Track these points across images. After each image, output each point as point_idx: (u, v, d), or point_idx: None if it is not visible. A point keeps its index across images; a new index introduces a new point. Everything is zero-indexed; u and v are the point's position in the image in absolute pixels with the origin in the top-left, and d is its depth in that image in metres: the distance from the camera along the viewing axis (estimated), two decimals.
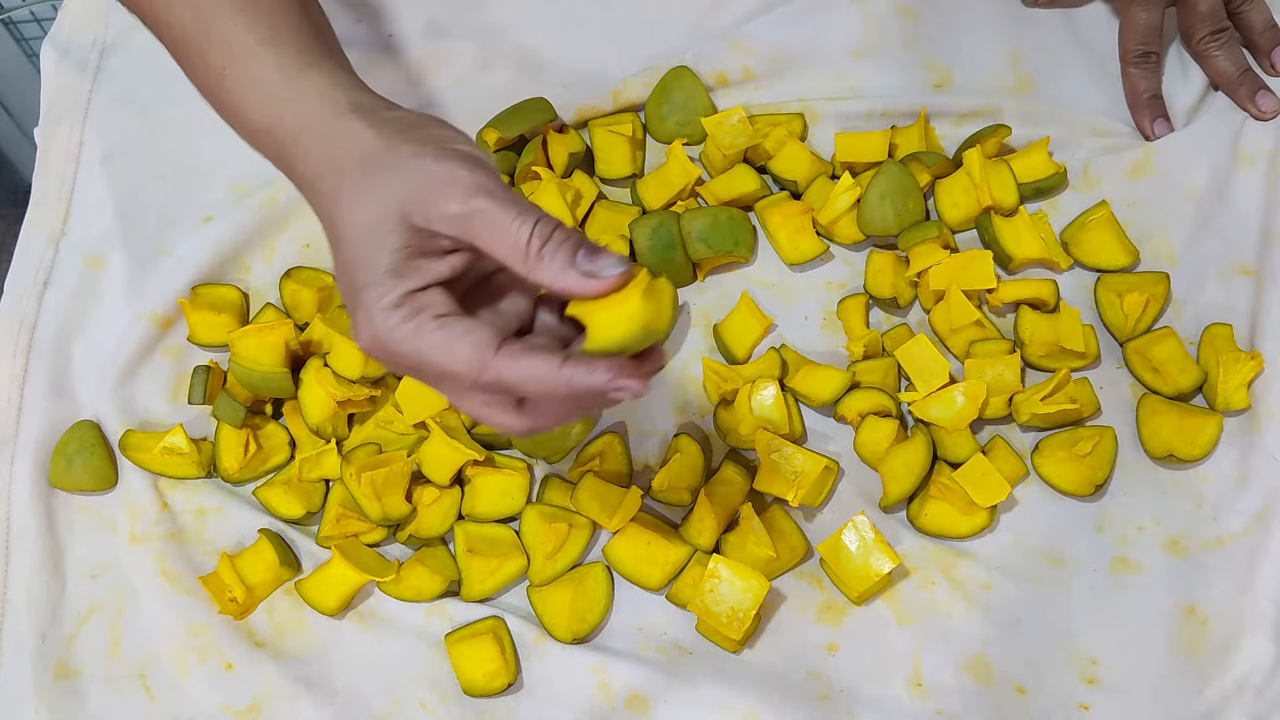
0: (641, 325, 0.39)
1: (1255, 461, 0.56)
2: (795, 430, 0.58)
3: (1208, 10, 0.64)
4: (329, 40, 0.51)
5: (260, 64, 0.46)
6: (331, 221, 0.44)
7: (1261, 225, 0.60)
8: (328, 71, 0.46)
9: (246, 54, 0.47)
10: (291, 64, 0.46)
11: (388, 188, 0.42)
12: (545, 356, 0.39)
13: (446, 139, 0.43)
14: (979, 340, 0.58)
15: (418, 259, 0.42)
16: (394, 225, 0.41)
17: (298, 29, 0.48)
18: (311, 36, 0.48)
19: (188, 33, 0.48)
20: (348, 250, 0.43)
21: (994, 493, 0.54)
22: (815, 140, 0.65)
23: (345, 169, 0.43)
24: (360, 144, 0.43)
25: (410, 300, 0.41)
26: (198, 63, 0.48)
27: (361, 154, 0.43)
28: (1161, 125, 0.63)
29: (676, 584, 0.56)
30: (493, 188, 0.41)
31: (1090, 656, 0.53)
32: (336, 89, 0.46)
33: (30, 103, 0.97)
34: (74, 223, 0.67)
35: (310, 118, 0.45)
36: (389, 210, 0.42)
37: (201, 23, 0.48)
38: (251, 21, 0.47)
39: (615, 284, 0.40)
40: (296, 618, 0.57)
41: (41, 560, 0.59)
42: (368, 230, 0.42)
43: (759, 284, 0.63)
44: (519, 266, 0.41)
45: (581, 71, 0.68)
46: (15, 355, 0.63)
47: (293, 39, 0.47)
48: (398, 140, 0.43)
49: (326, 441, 0.59)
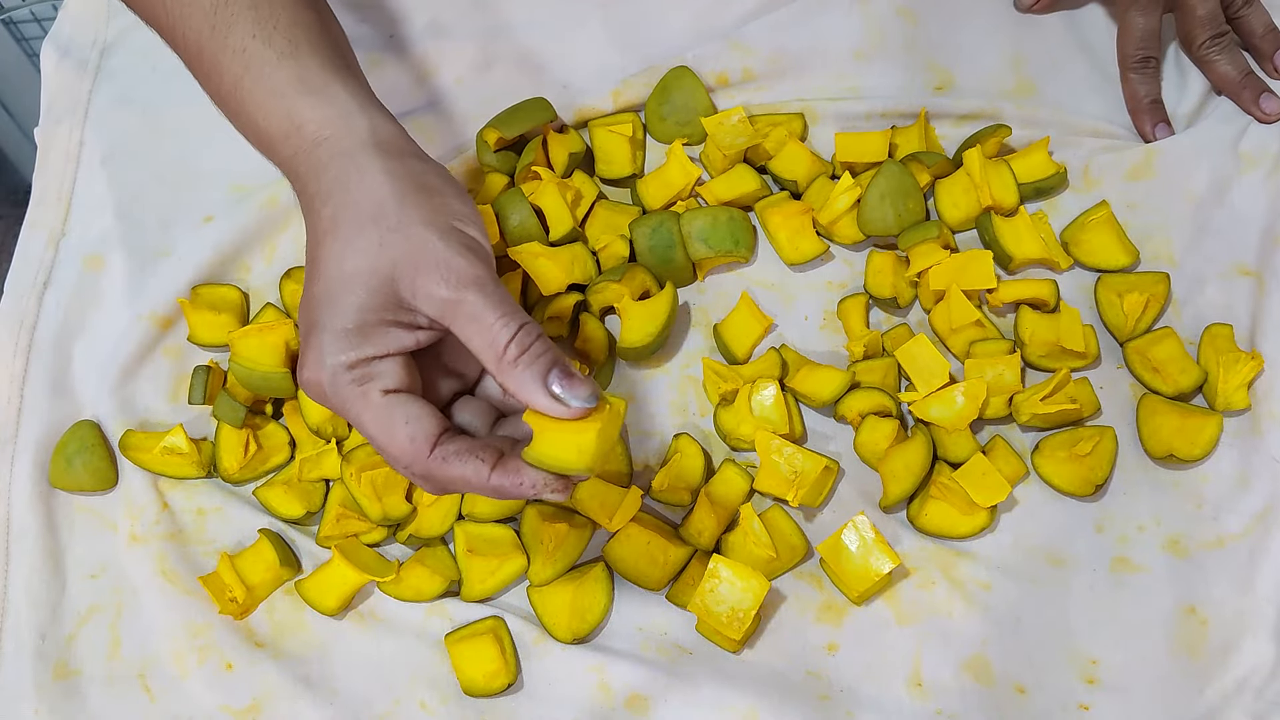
0: (589, 461, 0.40)
1: (1256, 462, 0.56)
2: (795, 430, 0.58)
3: (1207, 15, 0.64)
4: (349, 56, 0.50)
5: (279, 74, 0.46)
6: (317, 248, 0.44)
7: (1263, 227, 0.60)
8: (350, 88, 0.46)
9: (266, 64, 0.46)
10: (313, 76, 0.46)
11: (385, 246, 0.42)
12: (476, 464, 0.40)
13: (458, 215, 0.43)
14: (979, 340, 0.58)
15: (389, 325, 0.42)
16: (377, 285, 0.41)
17: (318, 44, 0.48)
18: (332, 52, 0.48)
19: (203, 45, 0.48)
20: (322, 285, 0.42)
21: (994, 493, 0.54)
22: (815, 140, 0.65)
23: (351, 205, 0.43)
24: (374, 189, 0.43)
25: (364, 365, 0.41)
26: (212, 73, 0.48)
27: (371, 200, 0.43)
28: (1163, 130, 0.63)
29: (676, 584, 0.56)
30: (485, 282, 0.41)
31: (1090, 656, 0.53)
32: (358, 110, 0.45)
33: (30, 103, 0.97)
34: (74, 223, 0.67)
35: (330, 132, 0.45)
36: (378, 269, 0.42)
37: (218, 36, 0.47)
38: (270, 34, 0.47)
39: (577, 416, 0.40)
40: (296, 618, 0.57)
41: (41, 560, 0.59)
42: (349, 276, 0.42)
43: (759, 284, 0.63)
44: (490, 365, 0.41)
45: (581, 71, 0.68)
46: (15, 355, 0.63)
47: (313, 52, 0.47)
48: (411, 201, 0.42)
49: (326, 441, 0.59)
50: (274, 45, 0.47)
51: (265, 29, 0.47)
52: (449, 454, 0.40)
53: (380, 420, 0.41)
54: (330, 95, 0.46)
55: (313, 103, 0.46)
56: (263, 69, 0.46)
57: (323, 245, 0.43)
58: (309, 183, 0.45)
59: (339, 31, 0.52)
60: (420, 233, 0.42)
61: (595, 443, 0.40)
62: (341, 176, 0.44)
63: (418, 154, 0.46)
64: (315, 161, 0.45)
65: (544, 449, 0.41)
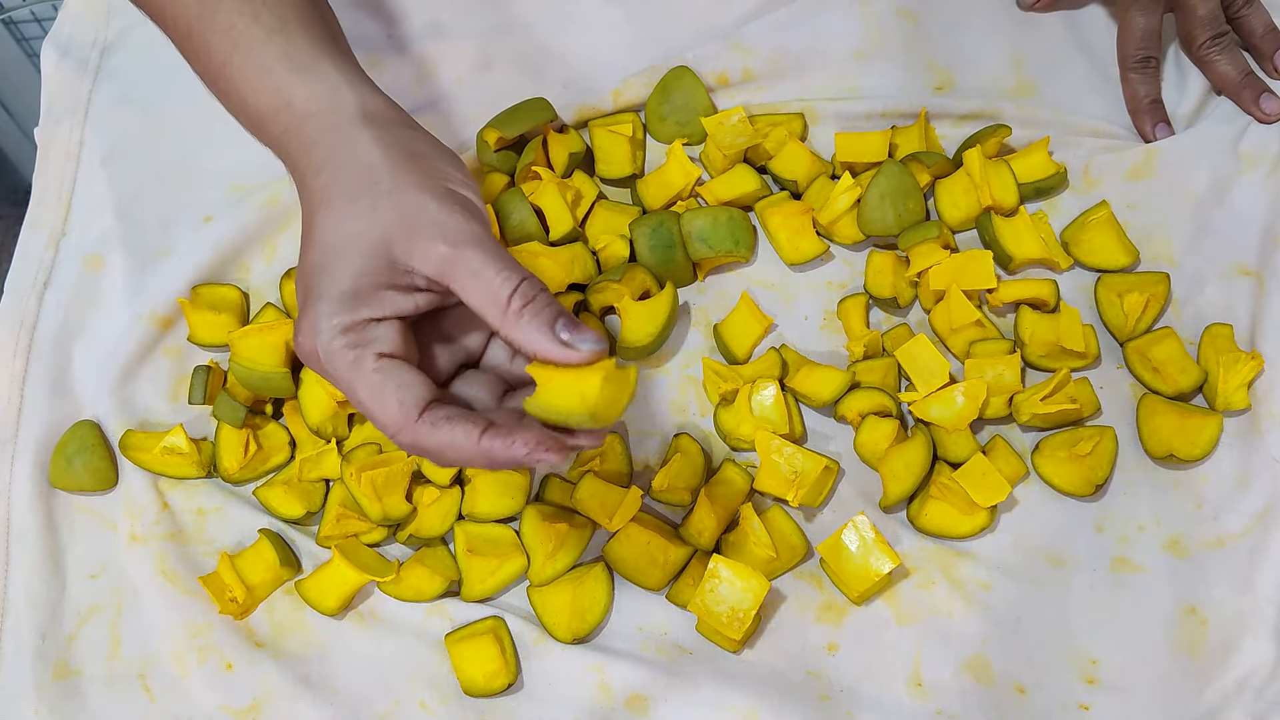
0: (592, 407, 0.40)
1: (1256, 462, 0.56)
2: (795, 430, 0.58)
3: (1207, 15, 0.64)
4: (337, 35, 0.50)
5: (267, 51, 0.46)
6: (311, 219, 0.43)
7: (1263, 227, 0.60)
8: (338, 64, 0.46)
9: (254, 42, 0.46)
10: (301, 53, 0.46)
11: (379, 211, 0.42)
12: (465, 428, 0.39)
13: (450, 177, 0.43)
14: (979, 340, 0.58)
15: (384, 289, 0.41)
16: (371, 249, 0.41)
17: (307, 22, 0.48)
18: (320, 30, 0.48)
19: (191, 24, 0.48)
20: (317, 254, 0.42)
21: (994, 493, 0.54)
22: (815, 140, 0.65)
23: (343, 176, 0.43)
24: (366, 158, 0.43)
25: (359, 329, 0.41)
26: (201, 52, 0.48)
27: (364, 168, 0.43)
28: (1163, 130, 0.63)
29: (676, 584, 0.56)
30: (483, 238, 0.41)
31: (1090, 656, 0.53)
32: (346, 85, 0.45)
33: (30, 103, 0.97)
34: (74, 223, 0.67)
35: (319, 107, 0.45)
36: (372, 233, 0.41)
37: (206, 14, 0.47)
38: (258, 11, 0.47)
39: (587, 359, 0.40)
40: (296, 618, 0.57)
41: (41, 560, 0.59)
42: (344, 243, 0.42)
43: (759, 284, 0.63)
44: (495, 320, 0.40)
45: (581, 71, 0.68)
46: (15, 355, 0.63)
47: (302, 30, 0.47)
48: (403, 167, 0.42)
49: (326, 441, 0.59)
50: (262, 22, 0.47)
51: (253, 5, 0.47)
52: (438, 419, 0.40)
53: (371, 386, 0.41)
54: (319, 72, 0.46)
55: (301, 79, 0.45)
56: (251, 46, 0.46)
57: (316, 215, 0.43)
58: (300, 159, 0.45)
59: (326, 8, 0.52)
60: (414, 196, 0.41)
61: (600, 388, 0.39)
62: (332, 149, 0.44)
63: (408, 123, 0.46)
64: (305, 137, 0.45)
65: (546, 397, 0.40)
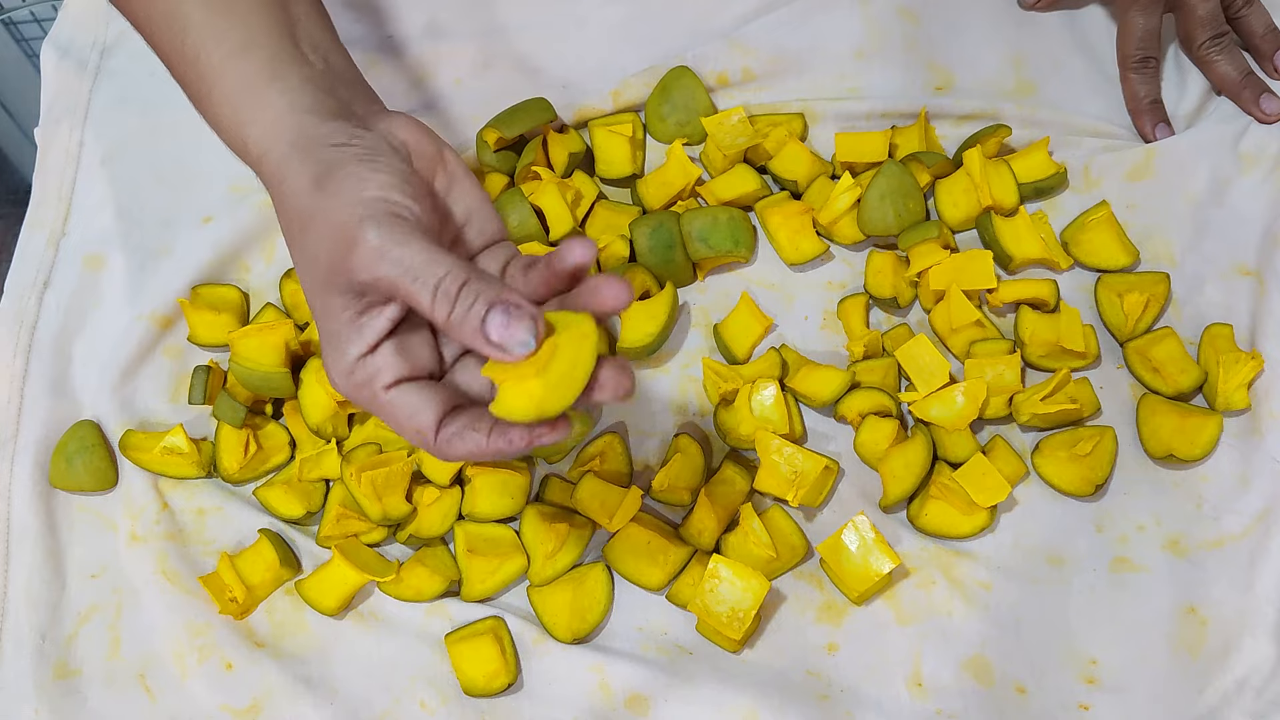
0: (536, 407, 0.39)
1: (1256, 462, 0.56)
2: (795, 430, 0.58)
3: (1207, 15, 0.64)
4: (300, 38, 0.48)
5: (230, 80, 0.45)
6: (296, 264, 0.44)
7: (1263, 227, 0.60)
8: (284, 86, 0.44)
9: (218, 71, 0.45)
10: (256, 76, 0.45)
11: (317, 247, 0.41)
12: (475, 438, 0.41)
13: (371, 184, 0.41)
14: (979, 340, 0.58)
15: (362, 316, 0.41)
16: (331, 286, 0.41)
17: (269, 32, 0.46)
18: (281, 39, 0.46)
19: (169, 52, 0.47)
20: (308, 298, 0.43)
21: (994, 493, 0.54)
22: (815, 140, 0.65)
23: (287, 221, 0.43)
24: (296, 196, 0.42)
25: (361, 367, 0.42)
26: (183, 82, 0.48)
27: (296, 208, 0.42)
28: (1163, 130, 0.64)
29: (676, 584, 0.56)
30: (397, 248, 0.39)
31: (1090, 656, 0.53)
32: (288, 113, 0.44)
33: (30, 103, 0.97)
34: (74, 223, 0.67)
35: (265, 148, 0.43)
36: (319, 268, 0.41)
37: (176, 38, 0.46)
38: (223, 32, 0.46)
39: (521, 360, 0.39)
40: (296, 618, 0.57)
41: (41, 560, 0.59)
42: (310, 288, 0.43)
43: (759, 284, 0.63)
44: (439, 327, 0.40)
45: (581, 71, 0.68)
46: (15, 355, 0.63)
47: (264, 45, 0.45)
48: (322, 194, 0.41)
49: (326, 441, 0.59)
50: (224, 44, 0.45)
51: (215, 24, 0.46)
52: (450, 436, 0.41)
53: (390, 418, 0.42)
54: (267, 100, 0.44)
55: (251, 115, 0.44)
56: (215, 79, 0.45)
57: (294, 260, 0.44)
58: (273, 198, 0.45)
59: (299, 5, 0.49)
60: (333, 222, 0.40)
61: (541, 389, 0.38)
62: (277, 191, 0.44)
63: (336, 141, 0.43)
64: (264, 177, 0.45)
65: (503, 401, 0.39)
